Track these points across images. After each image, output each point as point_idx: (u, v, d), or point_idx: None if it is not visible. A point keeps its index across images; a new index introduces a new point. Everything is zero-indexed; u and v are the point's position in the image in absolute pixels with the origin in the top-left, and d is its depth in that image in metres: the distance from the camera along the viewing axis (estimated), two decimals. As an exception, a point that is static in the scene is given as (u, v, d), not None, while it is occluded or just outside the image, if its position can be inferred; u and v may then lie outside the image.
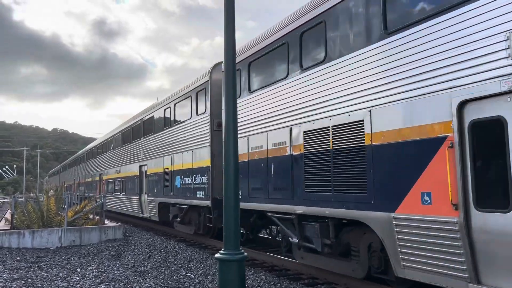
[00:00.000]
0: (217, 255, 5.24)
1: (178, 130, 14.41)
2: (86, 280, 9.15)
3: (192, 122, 13.33)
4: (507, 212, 4.60)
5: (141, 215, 18.35)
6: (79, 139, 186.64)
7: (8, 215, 18.55)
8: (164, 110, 16.07)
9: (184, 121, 14.01)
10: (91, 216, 17.59)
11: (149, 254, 12.25)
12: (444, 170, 5.13)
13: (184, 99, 14.20)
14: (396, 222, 5.79)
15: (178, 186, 14.04)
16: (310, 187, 7.52)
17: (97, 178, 28.05)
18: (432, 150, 5.32)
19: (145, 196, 17.66)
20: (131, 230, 17.87)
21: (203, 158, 12.18)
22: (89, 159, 32.19)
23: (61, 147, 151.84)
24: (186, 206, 13.71)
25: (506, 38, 4.62)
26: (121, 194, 21.48)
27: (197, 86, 13.07)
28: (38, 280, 9.17)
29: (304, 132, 7.74)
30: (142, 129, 18.78)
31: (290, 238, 8.46)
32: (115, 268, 10.43)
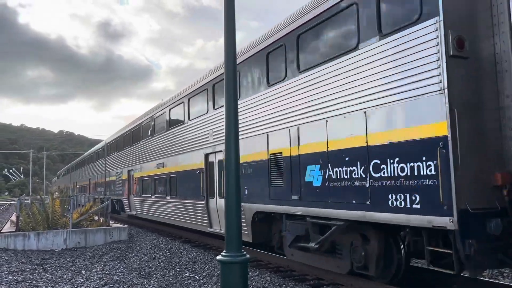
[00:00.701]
0: (218, 257, 5.17)
1: (315, 80, 7.74)
2: (91, 282, 9.13)
3: (361, 55, 6.78)
4: None
5: (209, 229, 12.25)
6: (85, 140, 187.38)
7: (14, 217, 18.59)
8: (267, 54, 9.32)
9: (328, 61, 7.49)
10: (96, 218, 17.59)
11: (154, 255, 12.21)
12: None
13: (330, 16, 7.55)
14: None
15: (317, 183, 7.61)
16: None
17: (124, 177, 21.70)
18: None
19: (219, 200, 11.65)
20: (136, 232, 17.85)
21: (415, 121, 5.87)
22: (112, 153, 25.80)
23: (67, 149, 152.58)
24: (340, 223, 7.23)
25: None
26: (167, 197, 15.49)
27: None
28: (42, 282, 9.16)
29: None
30: (211, 97, 12.24)
31: None
32: (119, 270, 10.40)
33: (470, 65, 5.64)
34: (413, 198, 5.82)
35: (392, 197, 6.16)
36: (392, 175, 6.18)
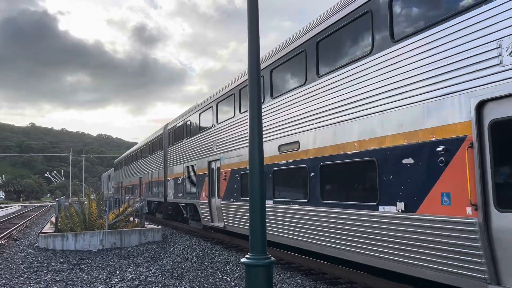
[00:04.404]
0: (243, 259, 5.14)
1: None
2: (124, 282, 9.29)
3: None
4: None
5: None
6: (123, 143, 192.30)
7: (53, 219, 19.20)
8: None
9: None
10: (131, 219, 17.92)
11: (187, 256, 12.32)
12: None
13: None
14: None
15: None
16: None
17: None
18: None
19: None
20: (170, 233, 18.10)
21: None
22: None
23: (106, 152, 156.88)
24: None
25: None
26: None
27: None
28: (78, 282, 9.39)
29: None
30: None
31: None
32: (152, 271, 10.54)
33: None
34: None
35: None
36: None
